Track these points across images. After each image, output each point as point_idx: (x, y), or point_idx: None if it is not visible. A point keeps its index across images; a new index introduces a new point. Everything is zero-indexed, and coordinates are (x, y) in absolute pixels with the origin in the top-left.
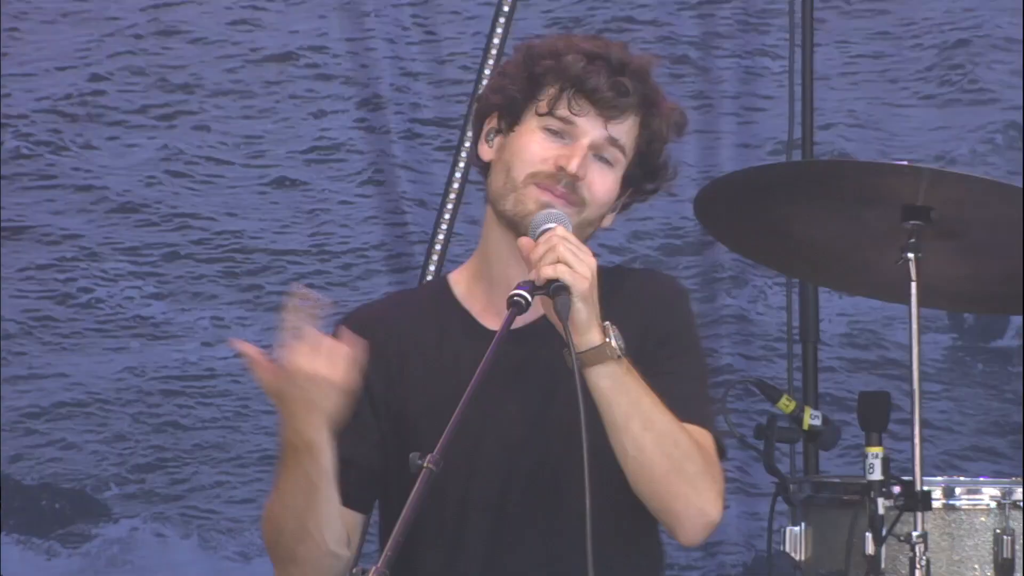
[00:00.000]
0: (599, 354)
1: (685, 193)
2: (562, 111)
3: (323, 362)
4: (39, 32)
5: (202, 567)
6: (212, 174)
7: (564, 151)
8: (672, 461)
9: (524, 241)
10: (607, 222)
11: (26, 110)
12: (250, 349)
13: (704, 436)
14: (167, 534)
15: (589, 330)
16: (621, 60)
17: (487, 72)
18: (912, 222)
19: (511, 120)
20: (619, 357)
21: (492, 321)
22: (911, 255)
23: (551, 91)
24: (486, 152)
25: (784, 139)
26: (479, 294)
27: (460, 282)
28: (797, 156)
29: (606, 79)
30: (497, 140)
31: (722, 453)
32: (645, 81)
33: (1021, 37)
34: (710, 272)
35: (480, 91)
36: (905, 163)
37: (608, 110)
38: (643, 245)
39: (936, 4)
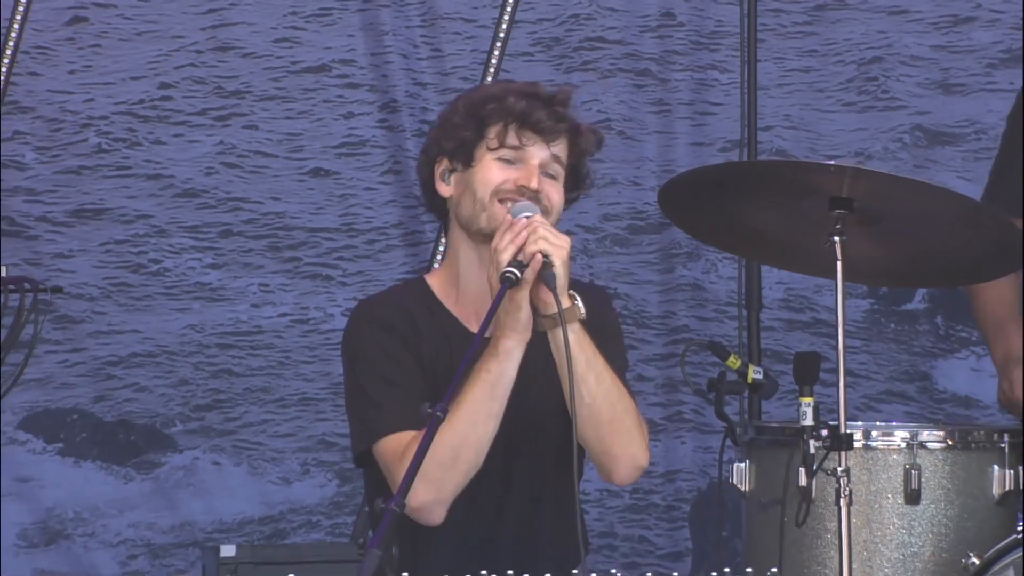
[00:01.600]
0: (570, 313)
1: (647, 183)
2: (512, 142)
3: None
4: (118, 48)
5: (250, 489)
6: (259, 165)
7: (521, 173)
8: (615, 411)
9: (507, 218)
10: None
11: (106, 112)
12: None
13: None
14: (222, 462)
15: (563, 293)
16: (550, 94)
17: (487, 80)
18: (838, 211)
19: (465, 159)
20: (582, 318)
21: (470, 322)
22: (837, 238)
23: (496, 128)
24: (444, 189)
25: (731, 138)
26: (455, 300)
27: (436, 286)
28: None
29: (543, 111)
30: (454, 177)
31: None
32: (569, 105)
33: (924, 55)
34: (669, 248)
35: (426, 144)
36: (832, 163)
37: (549, 135)
38: (612, 225)
39: (855, 27)
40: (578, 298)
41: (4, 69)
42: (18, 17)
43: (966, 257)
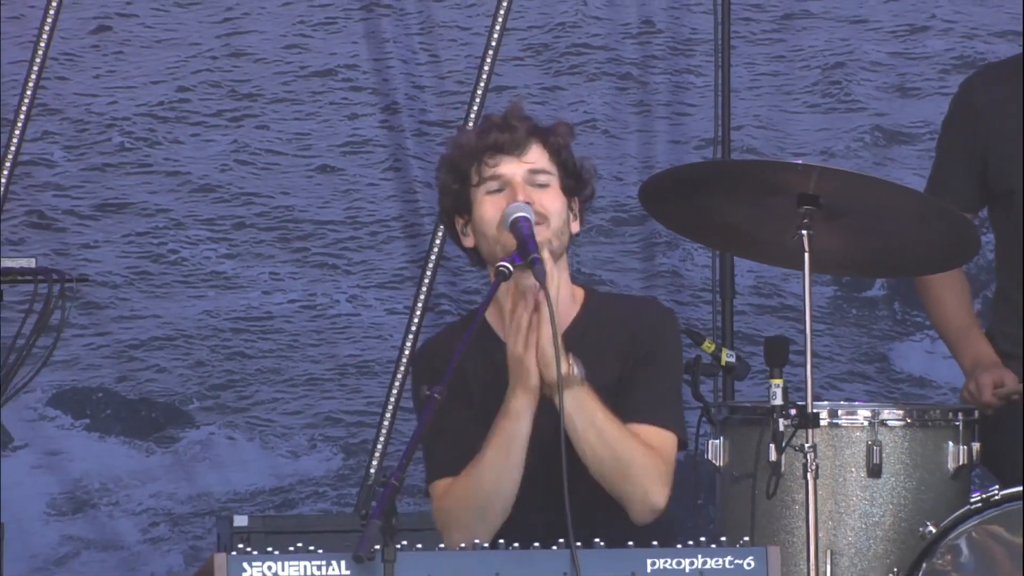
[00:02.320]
0: (568, 380)
1: (629, 178)
2: (488, 172)
3: None
4: (139, 54)
5: (261, 463)
6: (270, 162)
7: (509, 196)
8: (619, 464)
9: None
10: (575, 228)
11: (129, 114)
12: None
13: (664, 436)
14: (236, 437)
15: (563, 360)
16: (499, 115)
17: (481, 83)
18: (805, 207)
19: (466, 208)
20: (581, 382)
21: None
22: (804, 232)
23: (474, 168)
24: (468, 241)
25: (705, 137)
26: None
27: (493, 319)
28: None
29: (497, 132)
30: (469, 228)
31: (683, 446)
32: (523, 115)
33: (883, 61)
34: (649, 238)
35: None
36: (799, 162)
37: (515, 149)
38: (597, 217)
39: (819, 35)
40: (576, 363)
41: (34, 74)
42: (47, 28)
43: (923, 249)
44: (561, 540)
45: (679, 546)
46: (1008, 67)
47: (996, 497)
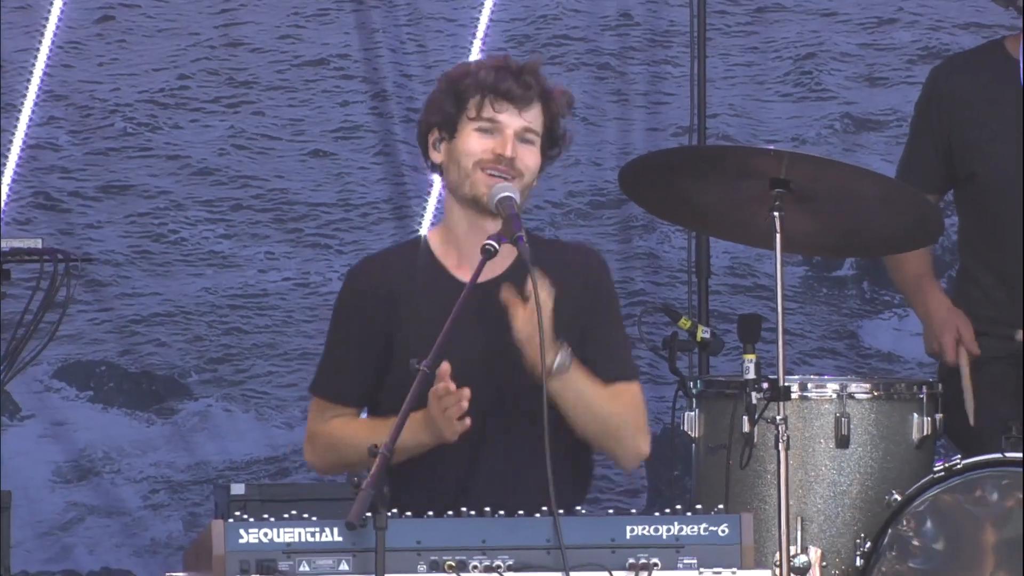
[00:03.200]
0: (557, 369)
1: (607, 164)
2: (488, 113)
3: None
4: (142, 43)
5: (257, 433)
6: (266, 147)
7: (497, 142)
8: (608, 425)
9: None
10: (535, 183)
11: (131, 100)
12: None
13: (635, 388)
14: (232, 409)
15: (548, 353)
16: (518, 65)
17: None
18: (776, 190)
19: (450, 131)
20: (566, 370)
21: (463, 274)
22: (776, 214)
23: (474, 100)
24: (436, 156)
25: (682, 125)
26: (450, 253)
27: (435, 242)
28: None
29: (513, 81)
30: (443, 146)
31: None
32: (538, 76)
33: (852, 52)
34: (627, 221)
35: (420, 116)
36: (771, 148)
37: (521, 104)
38: (576, 201)
39: (791, 27)
40: (564, 354)
41: (42, 62)
42: (54, 18)
43: (889, 230)
44: (544, 508)
45: (656, 514)
46: (971, 56)
47: (958, 466)
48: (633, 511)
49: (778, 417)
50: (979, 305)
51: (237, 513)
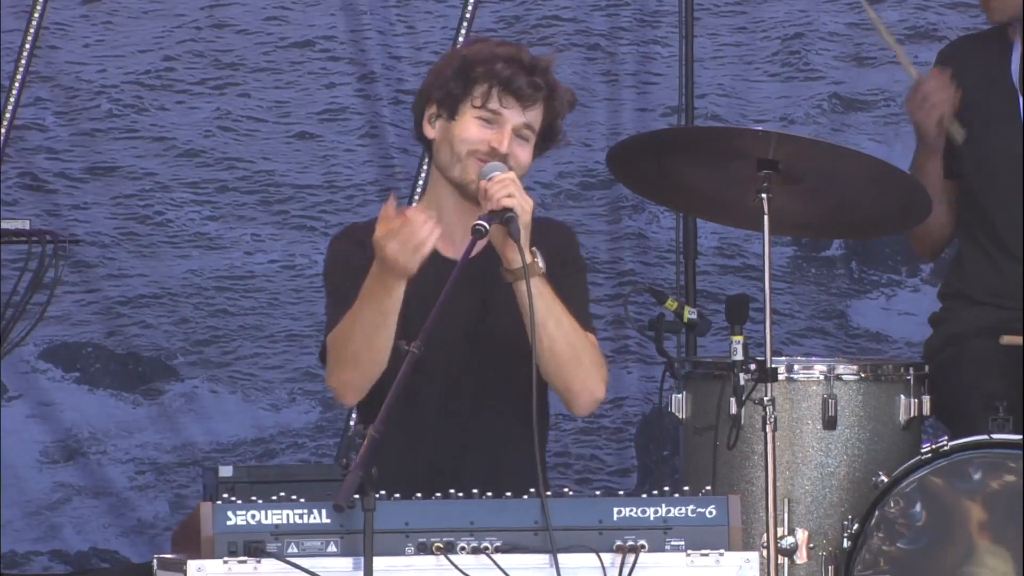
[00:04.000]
0: (532, 268)
1: (597, 144)
2: (493, 105)
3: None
4: (127, 25)
5: (243, 415)
6: (252, 129)
7: (495, 135)
8: (574, 351)
9: (484, 184)
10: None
11: (117, 81)
12: (389, 205)
13: (590, 336)
14: (219, 390)
15: (525, 249)
16: (532, 63)
17: None
18: (764, 171)
19: (450, 111)
20: (542, 272)
21: (445, 249)
22: (764, 195)
23: (482, 89)
24: (429, 131)
25: (671, 105)
26: None
27: None
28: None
29: (525, 79)
30: (439, 123)
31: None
32: (548, 75)
33: (840, 32)
34: (616, 202)
35: (422, 85)
36: (759, 128)
37: (526, 102)
38: (566, 182)
39: (779, 7)
40: (539, 254)
41: (28, 43)
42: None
43: (877, 211)
44: (532, 490)
45: (644, 496)
46: (962, 45)
47: (945, 448)
48: (621, 492)
49: (765, 398)
50: (975, 279)
51: (225, 495)
